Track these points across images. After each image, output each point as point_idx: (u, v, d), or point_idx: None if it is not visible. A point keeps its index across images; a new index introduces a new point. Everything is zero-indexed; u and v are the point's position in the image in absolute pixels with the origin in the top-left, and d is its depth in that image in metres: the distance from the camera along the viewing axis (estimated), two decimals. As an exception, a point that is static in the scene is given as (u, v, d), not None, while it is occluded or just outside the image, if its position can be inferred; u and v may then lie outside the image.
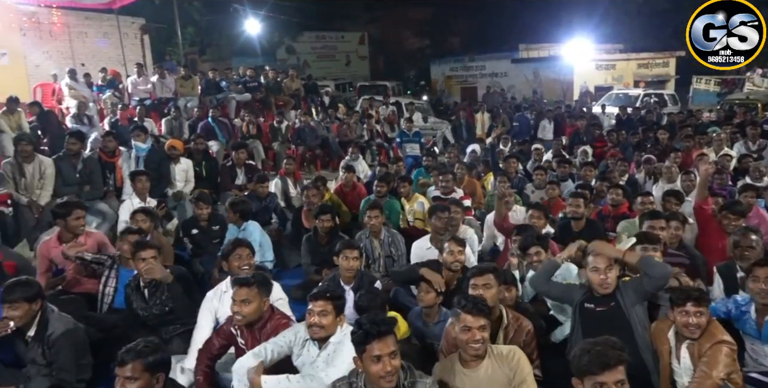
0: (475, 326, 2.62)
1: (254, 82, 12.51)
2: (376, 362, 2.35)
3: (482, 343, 2.64)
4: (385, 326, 2.42)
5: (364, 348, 2.38)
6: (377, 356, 2.35)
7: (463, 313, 2.66)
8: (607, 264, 3.16)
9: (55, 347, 3.16)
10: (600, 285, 3.16)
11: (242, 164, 7.41)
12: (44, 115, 9.04)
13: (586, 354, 2.20)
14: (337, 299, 2.97)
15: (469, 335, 2.63)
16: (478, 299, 2.81)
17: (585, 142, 10.41)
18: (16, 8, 12.82)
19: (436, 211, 4.88)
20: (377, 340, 2.36)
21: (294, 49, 27.38)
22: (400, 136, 11.37)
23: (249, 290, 3.09)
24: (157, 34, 18.08)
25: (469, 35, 30.50)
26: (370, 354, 2.36)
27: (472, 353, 2.65)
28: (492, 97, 19.17)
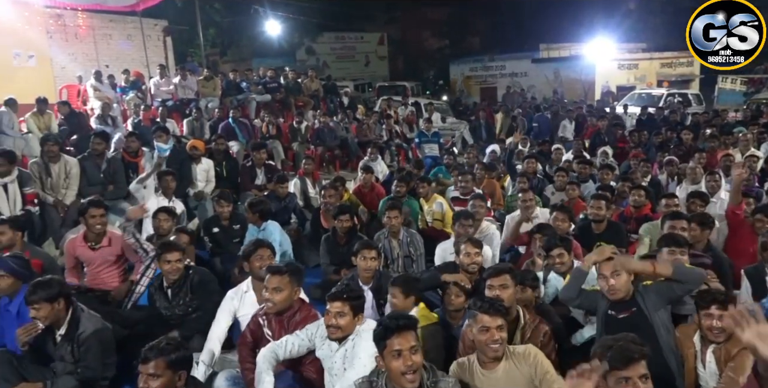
0: (493, 326, 2.60)
1: (274, 83, 12.62)
2: (396, 357, 2.35)
3: (501, 343, 2.62)
4: (404, 321, 2.44)
5: (384, 344, 2.38)
6: (398, 350, 2.35)
7: (480, 313, 2.65)
8: (612, 270, 3.09)
9: (85, 346, 3.21)
10: (608, 292, 3.11)
11: (262, 164, 7.47)
12: (72, 115, 9.24)
13: (608, 350, 2.19)
14: (355, 300, 2.96)
15: (487, 336, 2.61)
16: (494, 299, 2.80)
17: (606, 142, 10.28)
18: (43, 11, 13.10)
19: (459, 218, 4.82)
20: (397, 334, 2.36)
21: (314, 49, 27.52)
22: (419, 137, 11.36)
23: (281, 278, 3.16)
24: (179, 36, 18.33)
25: (488, 35, 30.34)
26: (390, 349, 2.36)
27: (491, 355, 2.62)
28: (512, 98, 19.06)
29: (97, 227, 4.49)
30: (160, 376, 2.42)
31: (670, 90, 17.86)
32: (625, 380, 2.14)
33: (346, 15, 27.28)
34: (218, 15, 21.58)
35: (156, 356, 2.42)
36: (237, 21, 22.59)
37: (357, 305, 2.96)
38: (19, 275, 3.52)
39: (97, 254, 4.55)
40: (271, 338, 3.24)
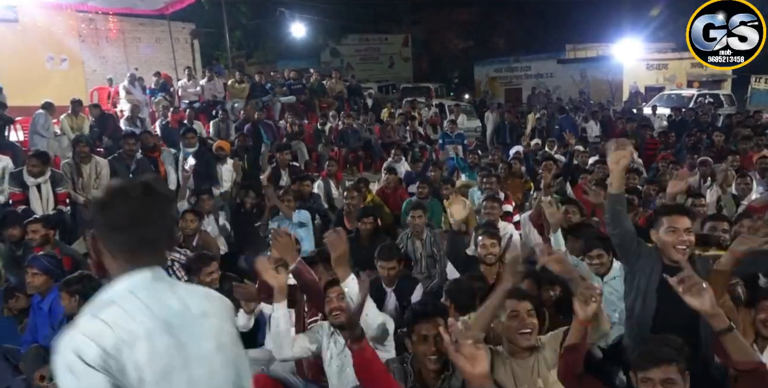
0: (523, 310, 2.50)
1: (298, 85, 12.74)
2: (422, 342, 2.40)
3: (531, 330, 2.50)
4: (432, 308, 2.49)
5: (412, 328, 2.44)
6: (424, 336, 2.40)
7: (509, 300, 2.54)
8: (687, 226, 2.70)
9: None
10: (676, 248, 2.66)
11: (286, 166, 7.53)
12: (103, 118, 9.47)
13: (638, 350, 2.14)
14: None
15: (517, 322, 2.49)
16: (520, 288, 2.75)
17: (634, 144, 10.09)
18: (76, 15, 13.46)
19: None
20: (424, 321, 2.41)
21: (338, 51, 27.66)
22: (443, 138, 11.31)
23: (315, 268, 3.30)
24: (205, 39, 18.63)
25: (514, 36, 30.10)
26: (418, 333, 2.41)
27: (524, 345, 2.51)
28: (537, 99, 18.87)
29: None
30: None
31: (701, 91, 17.47)
32: (645, 381, 2.07)
33: (371, 17, 27.38)
34: (244, 18, 21.88)
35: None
36: (262, 23, 22.87)
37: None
38: (51, 274, 3.62)
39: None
40: (306, 312, 3.35)
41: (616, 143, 2.68)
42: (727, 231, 4.00)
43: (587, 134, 12.20)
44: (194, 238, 4.89)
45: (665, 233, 2.70)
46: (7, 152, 6.83)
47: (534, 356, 2.55)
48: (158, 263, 1.42)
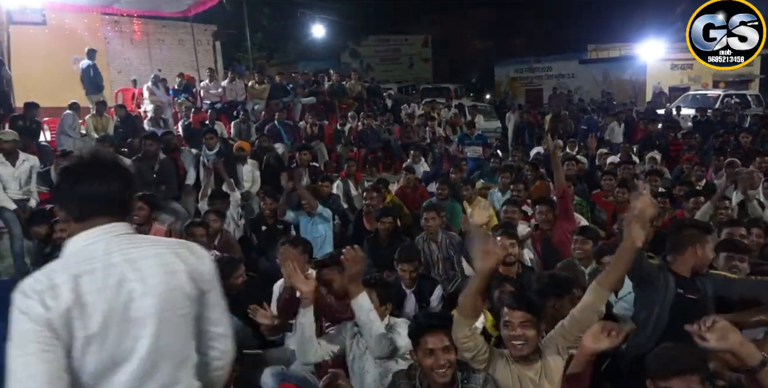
0: (516, 321, 2.40)
1: (318, 86, 12.81)
2: (429, 355, 2.36)
3: (525, 342, 2.40)
4: (437, 321, 2.44)
5: (418, 341, 2.40)
6: (430, 349, 2.36)
7: (505, 308, 2.47)
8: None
9: None
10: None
11: (306, 166, 7.57)
12: (127, 118, 9.64)
13: (658, 358, 2.05)
14: (382, 287, 3.00)
15: (509, 330, 2.42)
16: (523, 293, 2.66)
17: (657, 146, 9.94)
18: (101, 18, 13.72)
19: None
20: (430, 334, 2.37)
21: (358, 52, 27.74)
22: (461, 139, 11.24)
23: (330, 271, 3.32)
24: (227, 40, 18.82)
25: (534, 36, 29.85)
26: (423, 347, 2.37)
27: (515, 353, 2.44)
28: (557, 99, 18.70)
29: (134, 218, 4.66)
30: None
31: (727, 91, 17.13)
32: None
33: (391, 18, 27.40)
34: (265, 19, 22.05)
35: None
36: (283, 25, 23.03)
37: (384, 293, 2.99)
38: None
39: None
40: (332, 307, 3.37)
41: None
42: (744, 236, 3.92)
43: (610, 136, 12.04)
44: (216, 237, 4.94)
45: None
46: (36, 152, 6.99)
47: (539, 363, 2.47)
48: (111, 222, 1.53)
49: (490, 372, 2.48)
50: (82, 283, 1.41)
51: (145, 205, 4.66)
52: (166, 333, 1.50)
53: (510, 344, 2.45)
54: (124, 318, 1.44)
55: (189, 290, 1.56)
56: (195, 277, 1.59)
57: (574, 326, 2.43)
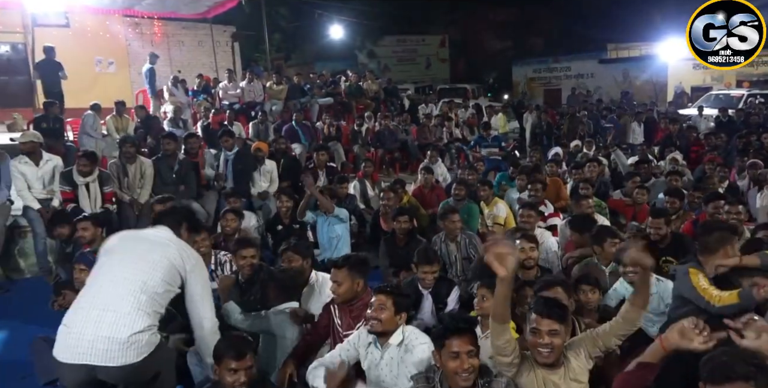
0: (544, 329, 2.41)
1: (336, 86, 12.84)
2: (454, 358, 2.35)
3: (551, 350, 2.42)
4: (464, 324, 2.44)
5: (443, 343, 2.39)
6: (455, 352, 2.35)
7: (533, 313, 2.46)
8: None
9: None
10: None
11: (323, 166, 7.60)
12: (147, 119, 9.77)
13: (711, 362, 1.98)
14: (399, 296, 2.95)
15: (536, 338, 2.44)
16: (553, 300, 2.61)
17: (678, 147, 9.79)
18: (123, 20, 13.92)
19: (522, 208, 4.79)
20: (456, 336, 2.36)
21: (375, 53, 27.77)
22: (478, 141, 11.18)
23: (339, 272, 3.27)
24: (246, 41, 18.97)
25: (553, 35, 29.60)
26: (448, 350, 2.36)
27: (540, 360, 2.46)
28: (576, 99, 18.52)
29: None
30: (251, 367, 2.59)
31: (752, 90, 16.76)
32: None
33: (408, 18, 27.38)
34: (283, 20, 22.21)
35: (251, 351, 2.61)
36: (301, 26, 23.16)
37: (400, 302, 2.92)
38: (98, 269, 3.74)
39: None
40: (340, 326, 3.34)
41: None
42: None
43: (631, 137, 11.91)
44: (234, 237, 4.98)
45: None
46: (60, 152, 7.11)
47: (563, 369, 2.49)
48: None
49: (516, 376, 2.51)
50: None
51: (91, 226, 4.61)
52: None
53: (536, 350, 2.46)
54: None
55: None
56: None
57: (608, 336, 2.49)
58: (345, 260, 3.33)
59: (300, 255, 3.85)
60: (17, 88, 12.69)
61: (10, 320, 4.78)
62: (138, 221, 6.00)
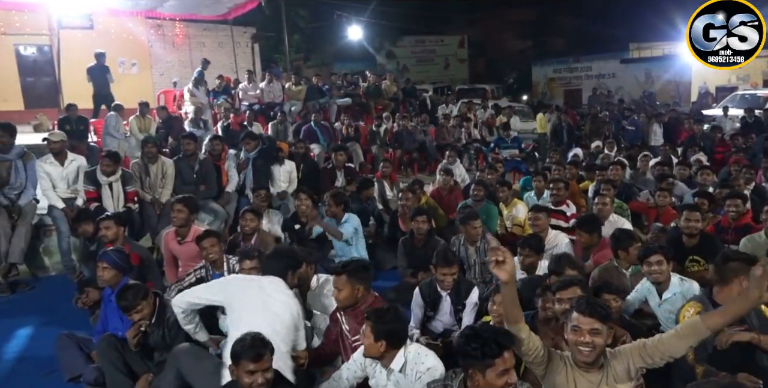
0: (586, 327, 2.38)
1: (355, 87, 12.87)
2: (502, 375, 2.26)
3: (592, 349, 2.39)
4: (513, 338, 2.37)
5: (492, 362, 2.25)
6: (506, 369, 2.26)
7: (575, 312, 2.45)
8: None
9: (173, 330, 3.43)
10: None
11: (342, 167, 7.62)
12: (169, 119, 9.90)
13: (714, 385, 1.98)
14: (377, 323, 2.76)
15: (577, 336, 2.41)
16: (595, 300, 2.57)
17: (702, 148, 9.61)
18: (146, 22, 14.13)
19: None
20: (509, 350, 2.30)
21: (394, 53, 27.77)
22: (497, 142, 11.10)
23: (338, 278, 3.29)
24: (265, 42, 19.11)
25: (574, 35, 29.29)
26: (498, 367, 2.25)
27: (580, 358, 2.43)
28: (597, 100, 18.31)
29: (174, 220, 4.80)
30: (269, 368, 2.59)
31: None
32: None
33: (427, 19, 27.32)
34: (303, 21, 22.32)
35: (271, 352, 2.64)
36: (321, 27, 23.25)
37: (378, 329, 2.77)
38: (120, 268, 3.79)
39: (184, 248, 4.84)
40: (348, 332, 3.34)
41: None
42: None
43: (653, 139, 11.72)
44: (253, 237, 5.02)
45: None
46: (84, 152, 7.24)
47: (602, 372, 2.44)
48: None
49: (547, 375, 2.49)
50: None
51: (184, 208, 4.78)
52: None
53: (577, 349, 2.43)
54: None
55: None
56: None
57: (657, 351, 2.40)
58: (344, 267, 3.32)
59: (302, 261, 3.84)
60: (43, 89, 12.97)
61: (35, 317, 4.86)
62: (159, 220, 6.08)
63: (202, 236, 4.35)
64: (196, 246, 4.57)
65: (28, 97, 12.99)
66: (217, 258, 4.28)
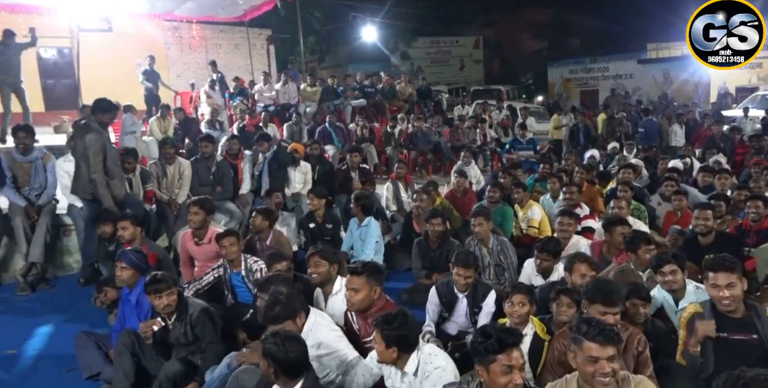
0: (603, 356, 2.26)
1: (372, 88, 12.88)
2: (506, 373, 2.24)
3: (613, 376, 2.28)
4: (518, 337, 2.33)
5: (494, 358, 2.25)
6: (509, 366, 2.24)
7: (586, 341, 2.30)
8: (728, 281, 2.86)
9: (198, 325, 3.46)
10: (720, 303, 2.88)
11: (356, 168, 7.63)
12: (186, 121, 10.01)
13: (732, 384, 1.90)
14: (386, 330, 2.73)
15: (596, 367, 2.27)
16: (603, 324, 2.42)
17: (721, 149, 9.47)
18: (163, 24, 14.29)
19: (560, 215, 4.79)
20: (509, 350, 2.26)
21: (408, 54, 27.77)
22: (512, 144, 11.04)
23: (358, 279, 3.24)
24: (281, 44, 19.23)
25: (590, 35, 29.02)
26: (501, 363, 2.24)
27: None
28: (613, 100, 18.12)
29: (191, 223, 4.83)
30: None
31: (802, 91, 16.13)
32: None
33: (442, 20, 27.29)
34: (318, 23, 22.43)
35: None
36: (335, 28, 23.35)
37: (389, 335, 2.74)
38: (138, 268, 3.84)
39: (200, 250, 4.88)
40: (358, 332, 3.34)
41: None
42: None
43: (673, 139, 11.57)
44: (269, 237, 5.05)
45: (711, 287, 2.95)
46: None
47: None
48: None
49: None
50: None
51: (200, 210, 4.82)
52: None
53: (598, 381, 2.28)
54: None
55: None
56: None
57: None
58: (363, 267, 3.27)
59: (327, 260, 3.76)
60: (63, 91, 13.19)
61: (55, 315, 4.94)
62: (176, 220, 6.14)
63: (222, 235, 4.39)
64: (212, 247, 4.64)
65: (48, 98, 13.21)
66: (235, 257, 4.31)
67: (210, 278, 4.41)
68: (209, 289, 4.46)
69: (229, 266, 4.37)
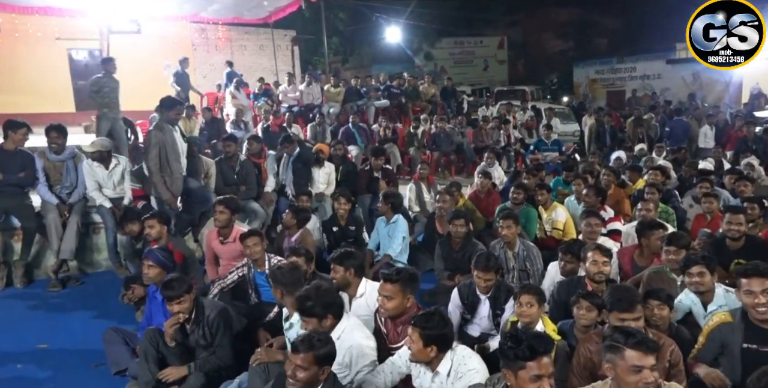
0: (647, 365, 2.21)
1: (397, 89, 12.90)
2: (534, 380, 2.20)
3: (657, 385, 2.26)
4: (548, 345, 2.28)
5: (524, 365, 2.21)
6: (538, 375, 2.19)
7: (628, 349, 2.25)
8: (763, 287, 2.77)
9: (214, 327, 3.48)
10: (754, 308, 2.79)
11: (379, 169, 7.64)
12: (212, 121, 10.14)
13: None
14: (425, 329, 2.71)
15: (640, 377, 2.21)
16: (641, 332, 2.40)
17: (754, 151, 9.23)
18: (190, 26, 14.51)
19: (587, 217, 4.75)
20: (540, 358, 2.21)
21: (432, 55, 27.70)
22: (537, 145, 10.92)
23: (392, 287, 3.18)
24: (305, 45, 19.35)
25: (617, 35, 28.54)
26: (530, 372, 2.20)
27: None
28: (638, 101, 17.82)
29: (217, 221, 4.90)
30: (307, 369, 2.48)
31: (837, 91, 15.62)
32: None
33: (466, 20, 27.15)
34: (342, 24, 22.53)
35: (306, 350, 2.49)
36: (359, 29, 23.42)
37: (428, 334, 2.73)
38: (165, 266, 3.90)
39: (226, 249, 4.94)
40: (386, 336, 3.32)
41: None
42: None
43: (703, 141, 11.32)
44: (295, 234, 5.09)
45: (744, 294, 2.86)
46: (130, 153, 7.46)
47: None
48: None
49: None
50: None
51: (225, 209, 4.88)
52: None
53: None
54: None
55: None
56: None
57: None
58: (398, 274, 3.19)
59: (342, 266, 3.67)
60: (93, 92, 13.43)
61: (84, 311, 5.06)
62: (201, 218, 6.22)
63: (246, 235, 4.42)
64: (237, 246, 4.68)
65: (79, 99, 13.51)
66: (259, 257, 4.35)
67: (234, 276, 4.46)
68: (234, 287, 4.51)
69: (253, 266, 4.41)
